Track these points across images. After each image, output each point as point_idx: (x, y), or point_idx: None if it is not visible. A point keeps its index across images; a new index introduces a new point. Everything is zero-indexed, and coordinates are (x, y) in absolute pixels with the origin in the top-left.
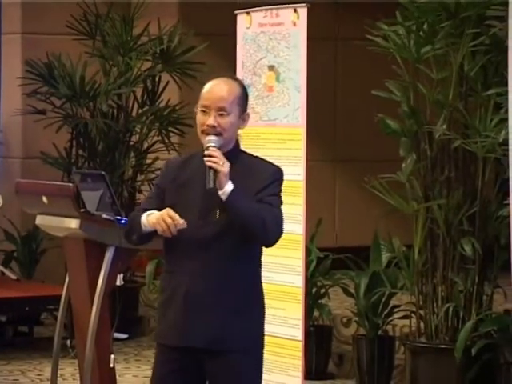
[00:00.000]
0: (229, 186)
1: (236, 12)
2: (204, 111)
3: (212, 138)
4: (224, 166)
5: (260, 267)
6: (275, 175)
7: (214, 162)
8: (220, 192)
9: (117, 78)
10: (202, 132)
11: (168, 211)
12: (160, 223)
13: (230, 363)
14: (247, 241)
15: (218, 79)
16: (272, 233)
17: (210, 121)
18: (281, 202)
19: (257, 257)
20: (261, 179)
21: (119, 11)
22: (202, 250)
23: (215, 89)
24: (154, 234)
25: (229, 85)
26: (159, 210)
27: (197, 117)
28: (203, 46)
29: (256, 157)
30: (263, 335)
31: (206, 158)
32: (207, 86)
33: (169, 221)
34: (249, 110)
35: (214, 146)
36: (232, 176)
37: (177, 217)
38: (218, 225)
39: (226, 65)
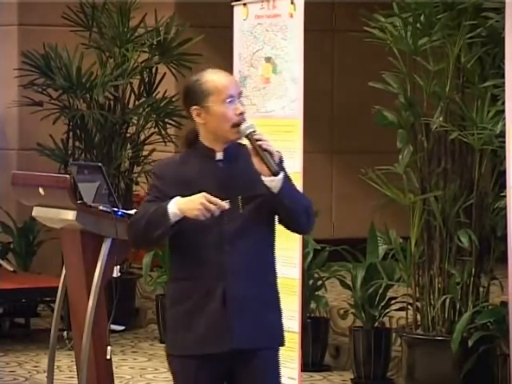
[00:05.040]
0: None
1: (233, 4)
2: (230, 101)
3: (249, 123)
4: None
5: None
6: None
7: (268, 145)
8: (269, 179)
9: (113, 70)
10: (234, 125)
11: (204, 195)
12: (200, 208)
13: (261, 361)
14: (288, 228)
15: (214, 71)
16: (312, 219)
17: (242, 108)
18: None
19: (274, 248)
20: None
21: (116, 3)
22: (226, 248)
23: (228, 77)
24: (174, 225)
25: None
26: None
27: (219, 111)
28: (200, 38)
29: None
30: None
31: (259, 142)
32: (220, 78)
33: (212, 207)
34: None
35: (255, 130)
36: (248, 163)
37: (218, 200)
38: (242, 219)
39: (223, 57)
